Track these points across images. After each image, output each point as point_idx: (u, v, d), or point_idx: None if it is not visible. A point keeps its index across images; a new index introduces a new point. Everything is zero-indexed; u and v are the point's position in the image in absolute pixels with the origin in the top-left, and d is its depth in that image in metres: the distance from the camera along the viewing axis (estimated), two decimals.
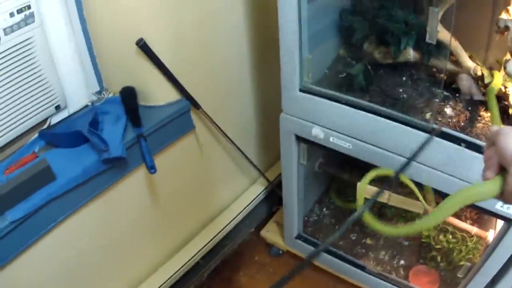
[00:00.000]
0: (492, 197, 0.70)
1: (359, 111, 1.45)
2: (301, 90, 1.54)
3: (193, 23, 1.58)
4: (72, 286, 1.59)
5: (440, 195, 1.52)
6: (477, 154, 1.29)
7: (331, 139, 1.57)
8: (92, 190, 1.45)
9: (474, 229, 1.80)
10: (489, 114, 1.47)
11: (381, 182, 1.77)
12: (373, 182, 1.78)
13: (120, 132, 1.46)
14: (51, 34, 1.39)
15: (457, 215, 1.92)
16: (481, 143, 1.31)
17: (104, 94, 1.59)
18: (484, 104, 1.51)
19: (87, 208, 1.48)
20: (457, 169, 1.37)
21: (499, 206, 1.36)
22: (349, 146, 1.54)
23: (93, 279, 1.67)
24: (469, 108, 1.52)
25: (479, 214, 1.96)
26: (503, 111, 1.47)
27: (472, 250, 1.80)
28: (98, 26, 1.47)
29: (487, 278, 1.60)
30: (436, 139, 1.34)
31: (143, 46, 1.44)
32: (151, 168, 1.51)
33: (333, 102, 1.49)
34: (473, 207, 1.43)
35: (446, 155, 1.36)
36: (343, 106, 1.47)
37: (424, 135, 1.37)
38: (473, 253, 1.80)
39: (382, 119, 1.42)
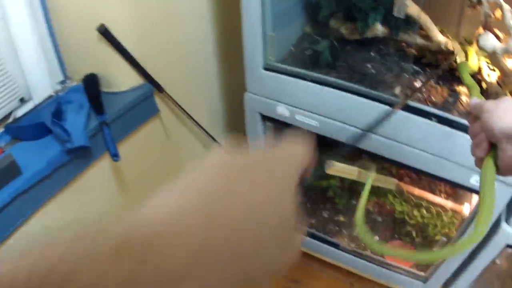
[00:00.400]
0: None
1: (325, 87, 1.41)
2: (265, 69, 1.49)
3: (154, 7, 1.53)
4: None
5: (413, 171, 1.50)
6: (449, 129, 1.26)
7: (297, 117, 1.53)
8: (59, 181, 1.40)
9: (449, 204, 1.79)
10: (461, 87, 1.44)
11: (349, 158, 1.76)
12: (341, 159, 1.77)
13: (83, 120, 1.41)
14: (13, 27, 1.33)
15: (431, 189, 1.91)
16: (453, 117, 1.28)
17: (67, 83, 1.54)
18: (456, 79, 1.48)
19: (55, 200, 1.43)
20: (429, 144, 1.34)
21: (475, 181, 1.34)
22: (315, 124, 1.50)
23: None
24: (440, 82, 1.48)
25: (454, 188, 1.95)
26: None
27: (448, 225, 1.79)
28: (61, 15, 1.41)
29: (464, 253, 1.59)
30: (407, 114, 1.31)
31: (104, 32, 1.39)
32: (114, 156, 1.47)
33: (298, 80, 1.45)
34: (448, 182, 1.41)
35: (417, 131, 1.32)
36: (309, 83, 1.43)
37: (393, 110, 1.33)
38: (449, 228, 1.79)
39: (349, 95, 1.38)
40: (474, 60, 1.39)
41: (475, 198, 1.59)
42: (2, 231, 1.28)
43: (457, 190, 1.92)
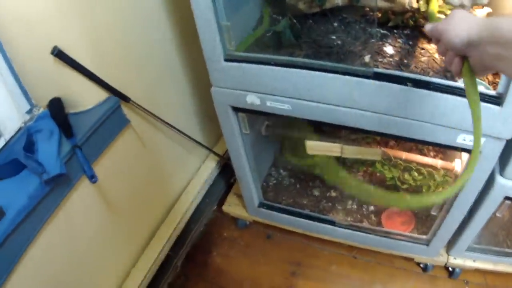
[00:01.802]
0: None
1: (291, 69, 1.30)
2: (226, 60, 1.39)
3: (105, 17, 1.46)
4: None
5: (399, 139, 1.44)
6: (427, 91, 1.18)
7: (268, 103, 1.43)
8: (44, 213, 1.36)
9: (439, 162, 1.73)
10: (431, 45, 1.37)
11: (331, 136, 1.69)
12: (323, 137, 1.70)
13: (55, 148, 1.36)
14: None
15: (419, 150, 1.84)
16: (429, 79, 1.20)
17: (35, 111, 1.46)
18: (425, 37, 1.40)
19: (44, 233, 1.39)
20: (409, 110, 1.26)
21: (462, 140, 1.27)
22: (288, 107, 1.41)
23: None
24: (411, 42, 1.40)
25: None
26: None
27: (442, 184, 1.71)
28: (14, 45, 1.34)
29: (462, 211, 1.54)
30: (380, 83, 1.22)
31: (58, 53, 1.33)
32: (92, 178, 1.41)
33: (263, 66, 1.34)
34: (435, 145, 1.34)
35: (394, 98, 1.24)
36: (274, 67, 1.32)
37: (365, 81, 1.25)
38: (443, 186, 1.72)
39: (317, 73, 1.27)
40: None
41: (465, 154, 1.53)
42: None
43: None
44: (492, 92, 1.15)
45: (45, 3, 1.24)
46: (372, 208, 1.96)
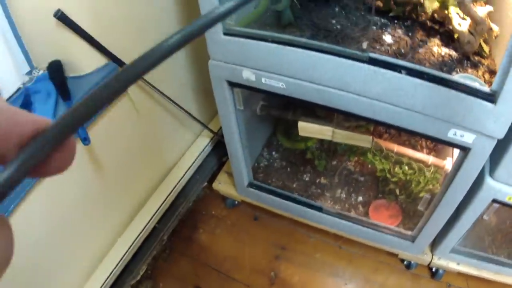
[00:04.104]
0: None
1: (287, 47, 1.28)
2: (225, 34, 1.36)
3: None
4: (34, 273, 1.53)
5: (388, 128, 1.42)
6: (420, 81, 1.16)
7: (263, 80, 1.41)
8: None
9: (430, 159, 1.71)
10: (430, 39, 1.36)
11: (325, 121, 1.68)
12: (313, 116, 1.69)
13: (51, 109, 1.37)
14: None
15: (412, 145, 1.83)
16: (423, 68, 1.18)
17: (34, 73, 1.47)
18: (426, 29, 1.38)
19: (33, 193, 1.40)
20: (401, 98, 1.24)
21: (452, 134, 1.25)
22: (282, 85, 1.39)
23: (54, 262, 1.61)
24: (410, 33, 1.38)
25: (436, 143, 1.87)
26: (448, 35, 1.35)
27: (431, 180, 1.70)
28: (19, 6, 1.34)
29: (449, 210, 1.52)
30: (375, 68, 1.21)
31: (61, 16, 1.32)
32: (85, 140, 1.43)
33: (260, 42, 1.31)
34: (426, 137, 1.33)
35: (387, 84, 1.22)
36: (271, 44, 1.30)
37: (360, 65, 1.23)
38: (432, 183, 1.70)
39: (313, 53, 1.25)
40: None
41: (457, 151, 1.52)
42: None
43: (439, 145, 1.85)
44: (486, 89, 1.12)
45: None
46: (360, 198, 1.94)
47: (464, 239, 1.71)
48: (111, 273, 1.79)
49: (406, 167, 1.73)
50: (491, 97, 1.11)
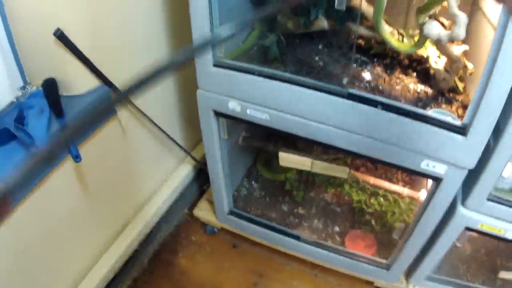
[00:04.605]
0: None
1: (273, 81, 1.36)
2: (215, 65, 1.44)
3: (108, 11, 1.52)
4: (15, 285, 1.54)
5: (364, 159, 1.50)
6: (395, 115, 1.25)
7: (248, 112, 1.48)
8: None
9: (405, 191, 1.78)
10: (407, 76, 1.45)
11: (304, 154, 1.76)
12: (293, 148, 1.76)
13: (44, 124, 1.40)
14: None
15: (388, 178, 1.91)
16: (398, 104, 1.27)
17: (28, 89, 1.49)
18: (403, 67, 1.47)
19: (22, 206, 1.41)
20: (377, 131, 1.32)
21: (425, 166, 1.33)
22: (266, 117, 1.46)
23: (36, 276, 1.62)
24: (388, 71, 1.47)
25: (411, 176, 1.95)
26: (424, 73, 1.44)
27: (406, 212, 1.77)
28: (19, 22, 1.38)
29: (423, 238, 1.58)
30: (353, 103, 1.29)
31: (60, 36, 1.36)
32: (76, 157, 1.45)
33: (247, 75, 1.40)
34: (400, 168, 1.40)
35: (364, 118, 1.31)
36: (257, 77, 1.38)
37: (339, 100, 1.32)
38: (407, 215, 1.77)
39: (296, 87, 1.34)
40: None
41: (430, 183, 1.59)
42: None
43: (414, 178, 1.92)
44: (458, 123, 1.21)
45: None
46: (337, 228, 2.00)
47: (438, 267, 1.77)
48: None
49: (382, 199, 1.80)
50: (462, 130, 1.20)
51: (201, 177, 2.36)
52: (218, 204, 2.04)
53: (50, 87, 1.46)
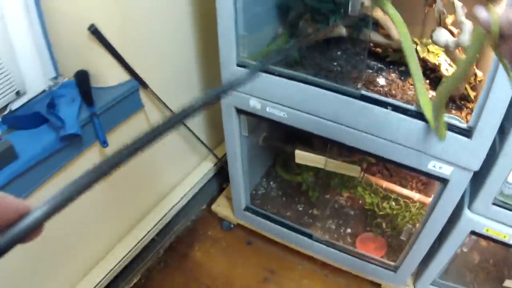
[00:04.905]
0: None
1: (291, 81, 1.46)
2: (238, 65, 1.54)
3: (141, 10, 1.61)
4: (36, 266, 1.60)
5: (373, 157, 1.56)
6: (403, 116, 1.32)
7: (267, 109, 1.57)
8: (52, 166, 1.46)
9: (416, 195, 1.84)
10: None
11: (318, 149, 1.83)
12: (310, 149, 1.83)
13: (75, 112, 1.47)
14: (11, 27, 1.39)
15: (402, 185, 1.96)
16: (406, 105, 1.33)
17: (59, 79, 1.59)
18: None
19: (49, 184, 1.47)
20: (387, 132, 1.39)
21: (432, 166, 1.39)
22: (284, 114, 1.55)
23: (55, 256, 1.68)
24: (402, 77, 1.54)
25: (424, 184, 2.00)
26: (437, 80, 1.50)
27: (416, 216, 1.83)
28: (54, 16, 1.47)
29: (430, 239, 1.63)
30: (365, 103, 1.37)
31: (94, 31, 1.45)
32: (104, 143, 1.54)
33: (268, 75, 1.49)
34: (408, 168, 1.46)
35: (374, 119, 1.38)
36: (277, 77, 1.47)
37: (352, 100, 1.39)
38: (417, 219, 1.83)
39: (313, 87, 1.43)
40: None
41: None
42: None
43: (426, 187, 1.97)
44: (463, 125, 1.28)
45: None
46: (349, 230, 2.06)
47: (445, 272, 1.80)
48: (106, 275, 1.86)
49: (393, 203, 1.86)
50: (468, 132, 1.26)
51: (222, 176, 2.44)
52: (235, 199, 2.12)
53: (82, 78, 1.56)
